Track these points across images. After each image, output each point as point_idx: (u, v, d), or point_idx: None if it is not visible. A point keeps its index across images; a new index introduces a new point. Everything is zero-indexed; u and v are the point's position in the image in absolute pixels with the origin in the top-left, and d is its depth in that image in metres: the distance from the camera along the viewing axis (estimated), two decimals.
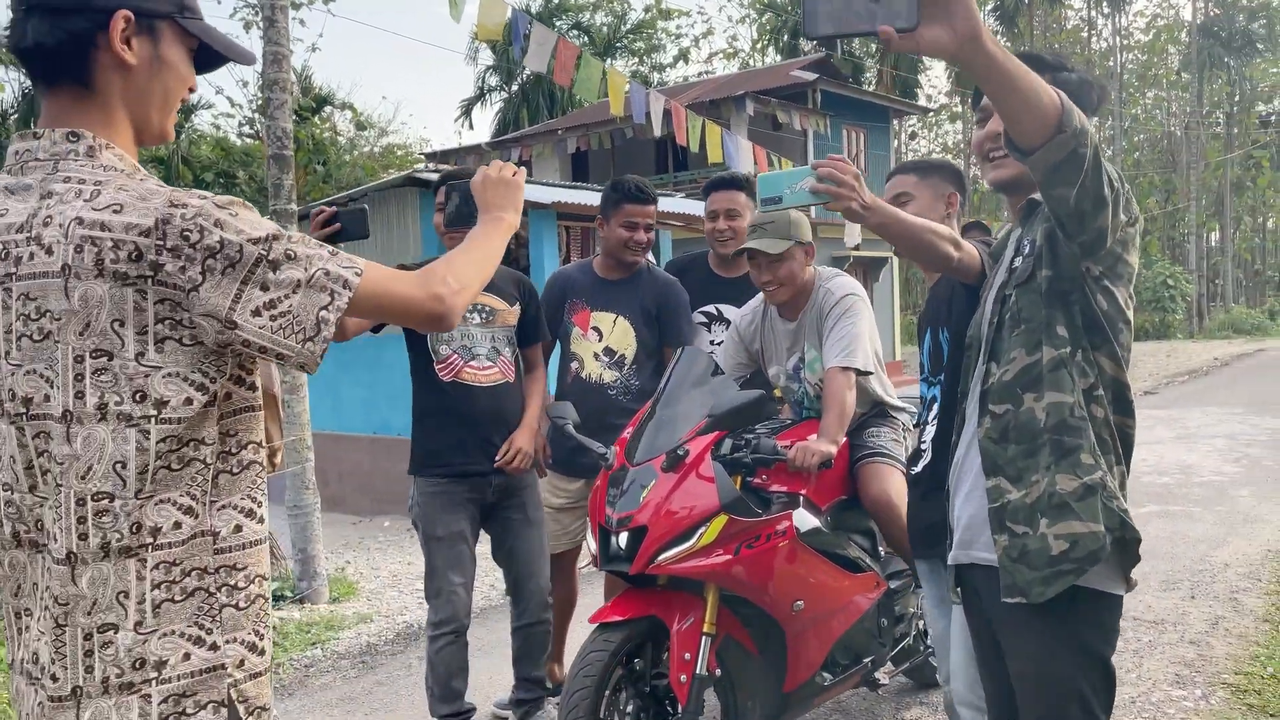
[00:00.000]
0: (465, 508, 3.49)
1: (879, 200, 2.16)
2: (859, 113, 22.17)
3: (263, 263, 1.37)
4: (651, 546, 2.79)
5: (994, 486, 1.97)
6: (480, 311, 3.54)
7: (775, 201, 2.10)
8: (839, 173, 2.07)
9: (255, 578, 1.46)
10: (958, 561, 2.12)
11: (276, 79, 5.94)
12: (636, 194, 3.77)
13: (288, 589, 5.90)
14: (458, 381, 3.47)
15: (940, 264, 2.35)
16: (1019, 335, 1.98)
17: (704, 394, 3.09)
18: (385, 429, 10.03)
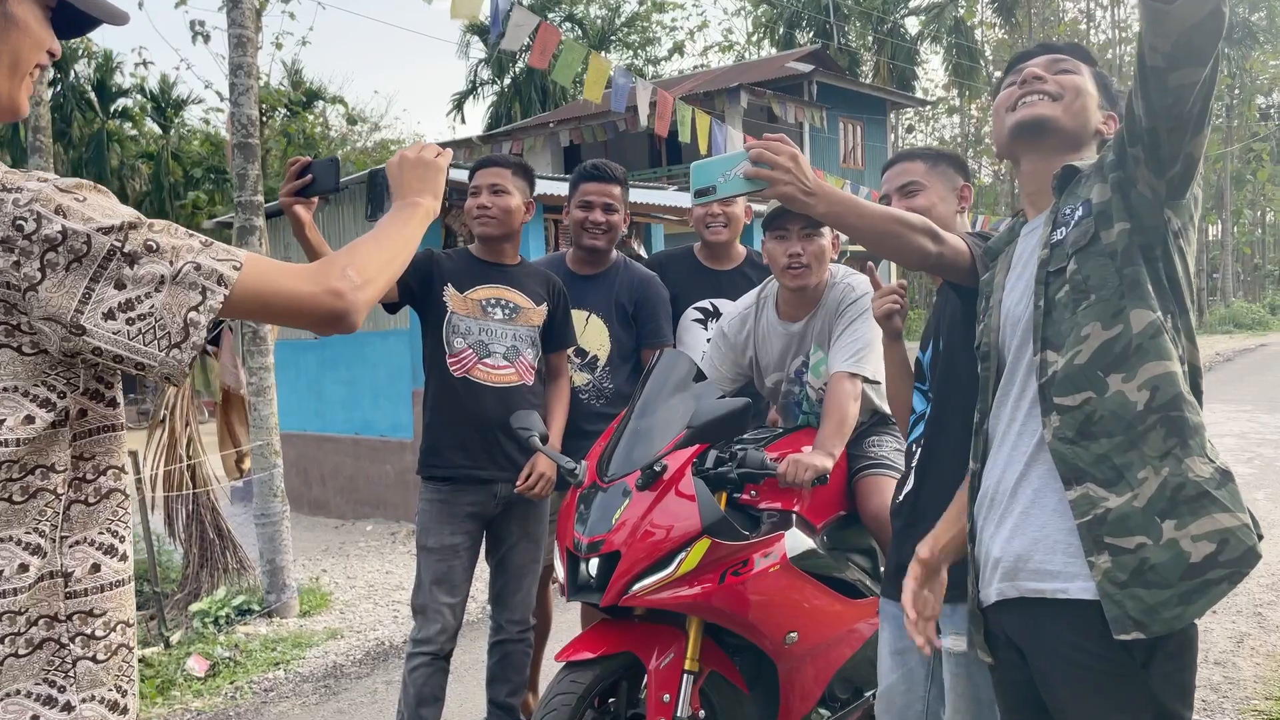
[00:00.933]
0: (465, 521, 3.21)
1: (825, 184, 1.86)
2: (855, 105, 21.87)
3: (116, 256, 1.16)
4: (625, 575, 2.48)
5: (1080, 496, 1.61)
6: (503, 307, 3.26)
7: (709, 192, 1.86)
8: (772, 153, 1.80)
9: (117, 624, 1.28)
10: (1003, 596, 1.74)
11: (241, 63, 5.62)
12: (593, 172, 3.48)
13: (255, 602, 5.59)
14: (468, 379, 3.20)
15: (915, 260, 2.01)
16: (1089, 309, 1.64)
17: (685, 401, 2.78)
18: (368, 430, 9.72)
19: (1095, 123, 1.89)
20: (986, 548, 1.79)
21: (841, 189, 2.08)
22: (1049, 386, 1.68)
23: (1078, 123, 1.86)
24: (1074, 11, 39.98)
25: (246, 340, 5.58)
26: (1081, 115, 1.86)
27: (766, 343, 3.16)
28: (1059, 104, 1.85)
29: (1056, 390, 1.67)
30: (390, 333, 9.41)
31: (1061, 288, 1.70)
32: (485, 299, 3.24)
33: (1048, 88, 1.86)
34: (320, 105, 30.90)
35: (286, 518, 5.68)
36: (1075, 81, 1.87)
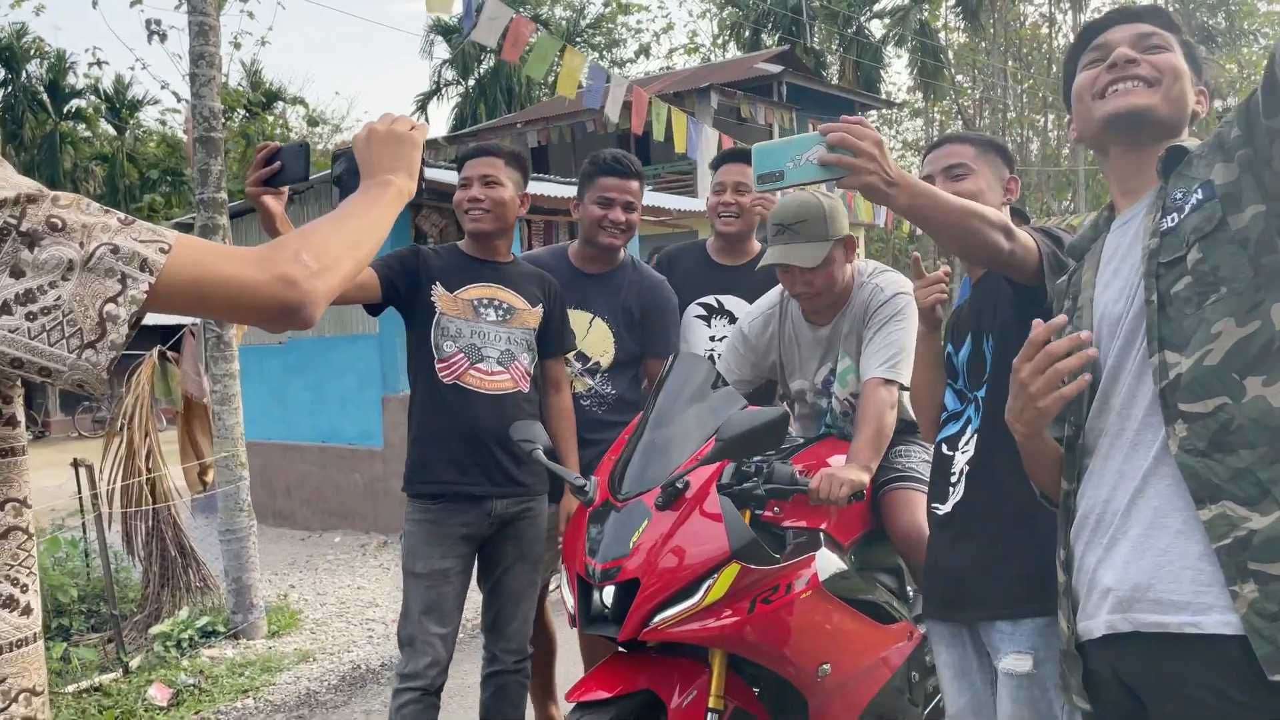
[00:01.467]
0: (457, 544, 2.93)
1: (906, 174, 1.70)
2: (824, 106, 21.75)
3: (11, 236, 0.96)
4: (646, 605, 2.23)
5: (1216, 517, 1.39)
6: (496, 307, 3.00)
7: (775, 178, 1.71)
8: (855, 138, 1.64)
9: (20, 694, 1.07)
10: (1113, 630, 1.51)
11: (203, 53, 5.30)
12: (613, 165, 3.21)
13: (220, 623, 5.27)
14: (459, 385, 2.93)
15: (987, 256, 1.86)
16: (1219, 303, 1.43)
17: (704, 411, 2.54)
18: (335, 437, 9.38)
19: (1190, 104, 1.69)
20: (1091, 575, 1.56)
21: None
22: (1172, 391, 1.45)
23: (1177, 109, 1.66)
24: (1035, 15, 40.34)
25: (210, 345, 5.26)
26: (1180, 100, 1.67)
27: (792, 346, 2.93)
28: (1156, 91, 1.65)
29: (1182, 396, 1.44)
30: (358, 336, 9.09)
31: (1179, 280, 1.48)
32: (477, 299, 2.98)
33: (1142, 71, 1.66)
34: (280, 106, 30.39)
35: (253, 533, 5.37)
36: (1170, 62, 1.67)
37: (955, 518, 2.15)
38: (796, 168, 1.68)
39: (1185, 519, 1.43)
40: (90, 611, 5.63)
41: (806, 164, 1.67)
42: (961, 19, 35.61)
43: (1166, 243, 1.50)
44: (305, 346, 9.67)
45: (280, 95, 30.13)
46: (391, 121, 1.51)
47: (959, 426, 2.22)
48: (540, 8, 32.53)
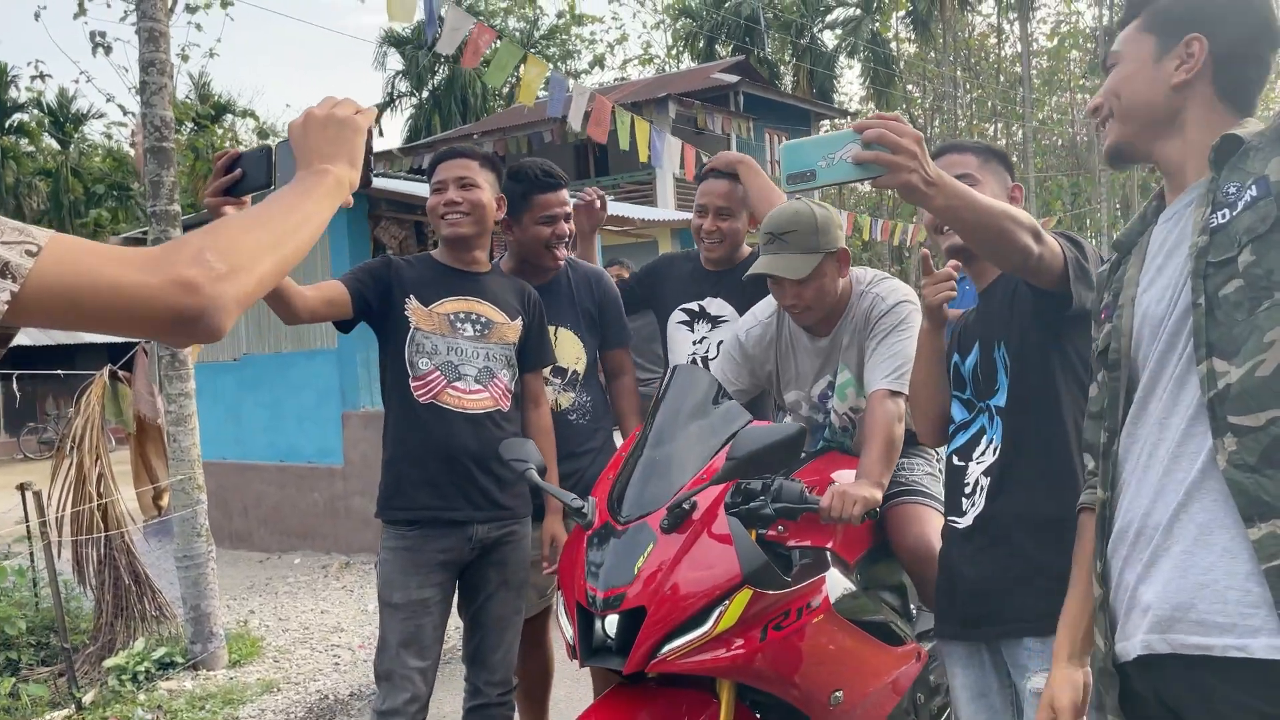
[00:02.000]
0: (435, 571, 2.75)
1: (945, 174, 1.63)
2: (780, 116, 21.83)
3: None
4: (653, 635, 2.08)
5: (1267, 535, 1.29)
6: (473, 322, 2.83)
7: (806, 178, 1.61)
8: (895, 134, 1.56)
9: None
10: (1150, 651, 1.42)
11: (153, 60, 5.09)
12: (545, 180, 3.09)
13: (178, 654, 5.03)
14: (436, 404, 2.76)
15: (1017, 260, 1.80)
16: (1272, 310, 1.32)
17: (707, 427, 2.40)
18: (293, 456, 9.11)
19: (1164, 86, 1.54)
20: (1131, 592, 1.46)
21: None
22: (1221, 402, 1.35)
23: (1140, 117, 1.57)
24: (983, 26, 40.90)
25: (164, 363, 5.03)
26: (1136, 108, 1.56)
27: (789, 356, 2.82)
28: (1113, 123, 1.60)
29: (1232, 407, 1.34)
30: (316, 352, 8.85)
31: (1228, 281, 1.37)
32: (453, 313, 2.82)
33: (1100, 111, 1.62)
34: (229, 119, 29.90)
35: (212, 559, 5.13)
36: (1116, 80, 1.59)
37: (977, 530, 2.07)
38: (829, 167, 1.58)
39: (1233, 536, 1.34)
40: (40, 644, 5.36)
41: (840, 163, 1.58)
42: (912, 29, 36.03)
43: (1217, 241, 1.40)
44: (261, 363, 9.41)
45: (230, 108, 29.67)
46: (332, 105, 1.34)
47: (969, 436, 2.15)
48: (494, 19, 32.37)
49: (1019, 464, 2.02)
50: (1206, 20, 1.52)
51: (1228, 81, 1.51)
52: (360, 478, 8.47)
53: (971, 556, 2.07)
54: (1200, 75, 1.51)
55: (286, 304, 2.52)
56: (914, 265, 29.82)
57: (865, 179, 1.60)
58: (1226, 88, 1.52)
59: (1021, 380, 2.04)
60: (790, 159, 1.61)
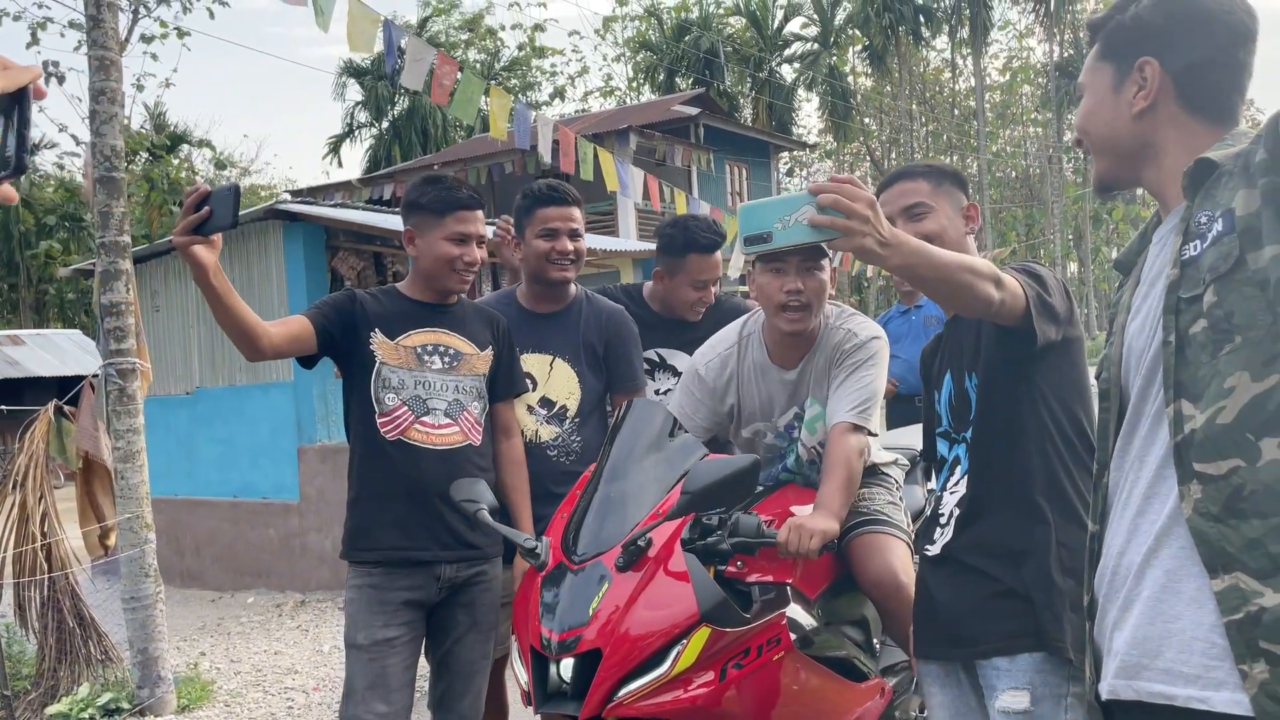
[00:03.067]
0: (401, 609, 2.66)
1: (900, 233, 1.64)
2: (740, 148, 22.01)
3: None
4: (610, 677, 2.02)
5: (1229, 589, 1.25)
6: (442, 354, 2.75)
7: (763, 239, 1.62)
8: (848, 199, 1.55)
9: None
10: (1115, 696, 1.40)
11: (104, 88, 4.99)
12: (550, 195, 3.01)
13: (125, 699, 4.86)
14: (404, 441, 2.67)
15: (980, 309, 1.80)
16: (1234, 355, 1.28)
17: (663, 461, 2.36)
18: (247, 492, 8.95)
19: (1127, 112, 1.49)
20: (1110, 634, 1.44)
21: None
22: (1186, 448, 1.31)
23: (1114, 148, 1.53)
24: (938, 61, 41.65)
25: (112, 399, 4.90)
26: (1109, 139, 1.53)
27: (751, 387, 2.76)
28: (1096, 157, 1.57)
29: (1196, 454, 1.30)
30: (272, 385, 8.71)
31: (1196, 320, 1.32)
32: (420, 345, 2.74)
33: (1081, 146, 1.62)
34: (185, 149, 29.62)
35: (160, 600, 4.98)
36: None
37: (946, 558, 2.06)
38: (785, 229, 1.59)
39: (1199, 586, 1.30)
40: None
41: (796, 225, 1.59)
42: (869, 64, 36.59)
43: (1187, 275, 1.35)
44: (215, 396, 9.25)
45: (185, 138, 29.40)
46: None
47: (948, 469, 2.12)
48: (454, 50, 32.41)
49: (985, 496, 2.02)
50: (1152, 37, 1.45)
51: (1195, 95, 1.44)
52: (316, 514, 8.33)
53: (943, 580, 2.07)
54: (1161, 97, 1.45)
55: (251, 341, 2.45)
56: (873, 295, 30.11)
57: (821, 240, 1.61)
58: (1196, 101, 1.45)
59: (988, 413, 2.03)
60: (747, 221, 1.62)
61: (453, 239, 2.72)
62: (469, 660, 2.76)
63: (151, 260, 9.51)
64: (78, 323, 29.39)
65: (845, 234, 1.57)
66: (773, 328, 2.68)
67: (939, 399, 2.17)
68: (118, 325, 4.92)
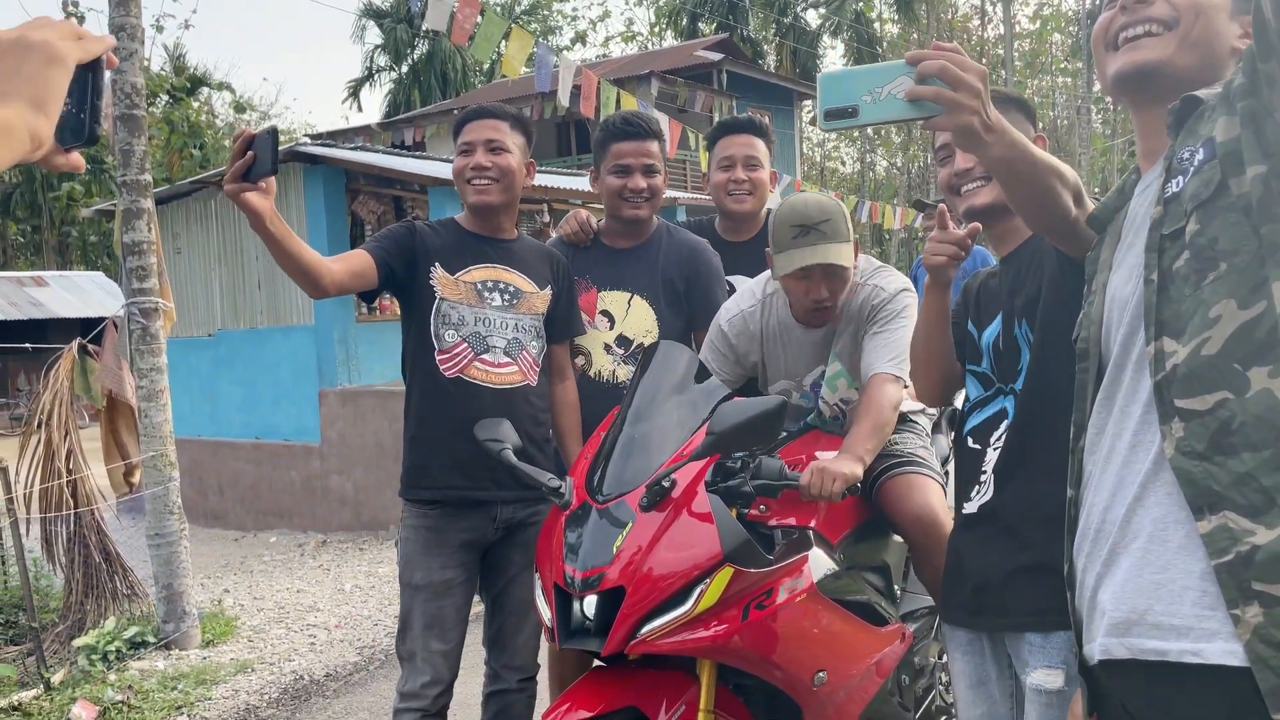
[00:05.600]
0: (458, 551, 2.66)
1: (1003, 120, 1.45)
2: (764, 95, 21.70)
3: None
4: (632, 615, 2.02)
5: (1217, 529, 1.20)
6: (502, 291, 2.70)
7: (847, 114, 1.39)
8: (958, 68, 1.37)
9: None
10: (1108, 655, 1.33)
11: (123, 24, 4.95)
12: (625, 128, 2.91)
13: (150, 633, 4.95)
14: (463, 379, 2.63)
15: (1055, 222, 1.64)
16: (1218, 282, 1.22)
17: (687, 403, 2.34)
18: (269, 434, 9.02)
19: (1228, 41, 1.43)
20: (1091, 594, 1.38)
21: None
22: (1168, 385, 1.25)
23: (1202, 54, 1.41)
24: (966, 7, 40.83)
25: (135, 338, 4.92)
26: (1207, 42, 1.41)
27: (775, 346, 2.71)
28: (1171, 38, 1.41)
29: (1178, 390, 1.24)
30: (293, 328, 8.74)
31: (1180, 255, 1.27)
32: (480, 281, 2.69)
33: (1155, 12, 1.42)
34: (205, 92, 29.51)
35: (185, 537, 5.05)
36: None
37: (983, 518, 1.96)
38: (875, 103, 1.38)
39: (1188, 532, 1.24)
40: (8, 622, 5.28)
41: (889, 99, 1.38)
42: (895, 10, 35.89)
43: (1170, 212, 1.30)
44: (236, 338, 9.30)
45: (205, 81, 29.30)
46: (33, 26, 0.97)
47: (986, 417, 2.01)
48: None
49: (1030, 452, 1.88)
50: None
51: None
52: (337, 456, 8.39)
53: (976, 545, 1.98)
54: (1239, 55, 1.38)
55: (314, 280, 2.42)
56: (894, 248, 29.83)
57: (918, 119, 1.40)
58: None
59: (1042, 363, 1.87)
60: (829, 92, 1.39)
61: (461, 150, 2.69)
62: (523, 600, 2.72)
63: (172, 202, 9.51)
64: (100, 265, 29.55)
65: (950, 109, 1.37)
66: None
67: (982, 336, 2.05)
68: (140, 264, 4.92)
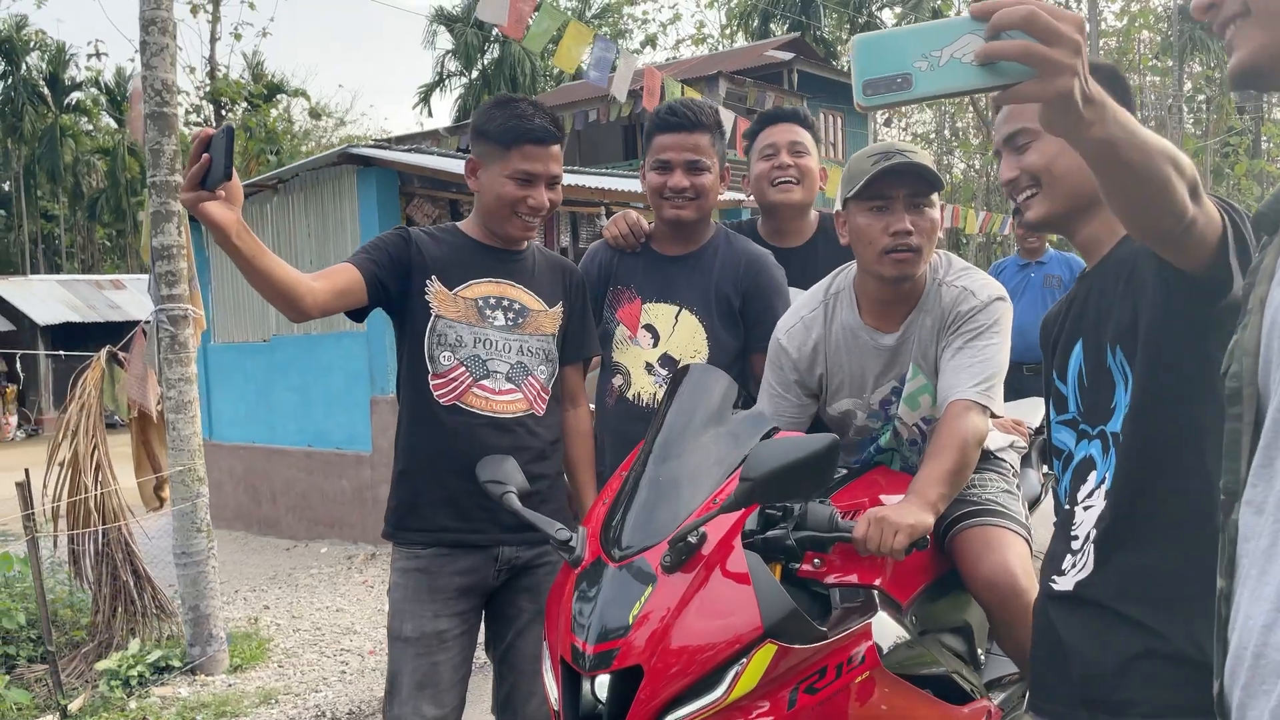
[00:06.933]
0: (455, 598, 2.32)
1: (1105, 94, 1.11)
2: (836, 95, 21.13)
3: None
4: (652, 701, 1.65)
5: None
6: (505, 309, 2.38)
7: (895, 86, 1.03)
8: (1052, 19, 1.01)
9: None
10: None
11: (154, 18, 4.73)
12: (668, 119, 2.54)
13: (177, 656, 4.71)
14: (460, 406, 2.32)
15: (1167, 223, 1.25)
16: None
17: (724, 437, 1.96)
18: (321, 441, 8.83)
19: None
20: None
21: None
22: None
23: None
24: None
25: (163, 346, 4.69)
26: None
27: (840, 355, 2.30)
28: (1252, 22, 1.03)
29: None
30: (345, 334, 8.52)
31: None
32: (482, 298, 2.37)
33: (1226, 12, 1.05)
34: (283, 99, 29.94)
35: (213, 556, 4.80)
36: None
37: (1080, 599, 1.56)
38: (933, 70, 1.02)
39: None
40: (39, 638, 5.09)
41: (952, 64, 1.02)
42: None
43: None
44: (290, 344, 9.13)
45: (282, 88, 29.75)
46: None
47: (1073, 471, 1.63)
48: None
49: (1139, 517, 1.52)
50: None
51: None
52: (388, 466, 8.12)
53: (1076, 625, 1.59)
54: None
55: (293, 303, 2.09)
56: (970, 254, 28.91)
57: (996, 87, 1.04)
58: None
59: (1148, 403, 1.50)
60: (869, 58, 1.04)
61: (517, 177, 2.31)
62: (535, 655, 2.34)
63: None
64: None
65: (1043, 71, 1.03)
66: (868, 281, 2.23)
67: (1065, 375, 1.66)
68: (169, 269, 4.69)
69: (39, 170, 33.14)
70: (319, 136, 34.33)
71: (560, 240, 10.86)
